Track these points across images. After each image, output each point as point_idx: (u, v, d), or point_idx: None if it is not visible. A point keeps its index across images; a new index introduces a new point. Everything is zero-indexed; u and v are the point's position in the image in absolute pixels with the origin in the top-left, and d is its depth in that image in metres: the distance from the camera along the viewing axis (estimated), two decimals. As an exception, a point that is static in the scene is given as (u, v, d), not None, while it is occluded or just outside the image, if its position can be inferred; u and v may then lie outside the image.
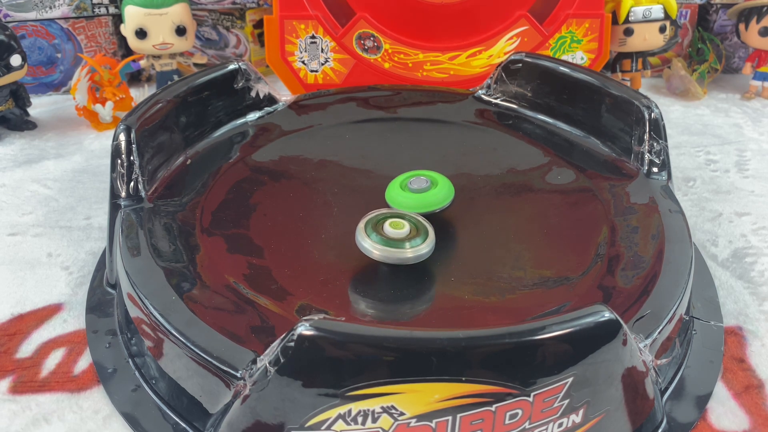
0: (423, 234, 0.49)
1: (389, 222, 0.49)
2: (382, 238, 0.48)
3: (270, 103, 0.67)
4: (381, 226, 0.49)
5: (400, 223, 0.49)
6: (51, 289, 0.59)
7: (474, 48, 0.83)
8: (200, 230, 0.53)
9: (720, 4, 0.95)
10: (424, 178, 0.53)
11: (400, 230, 0.49)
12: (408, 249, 0.48)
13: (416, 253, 0.48)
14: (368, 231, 0.49)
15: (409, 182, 0.53)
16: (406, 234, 0.49)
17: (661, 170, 0.59)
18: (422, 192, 0.53)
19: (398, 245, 0.48)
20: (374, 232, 0.49)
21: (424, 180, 0.53)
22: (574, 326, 0.39)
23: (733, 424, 0.48)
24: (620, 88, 0.62)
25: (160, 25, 0.84)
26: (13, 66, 0.79)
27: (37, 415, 0.48)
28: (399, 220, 0.49)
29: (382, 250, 0.48)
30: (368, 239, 0.48)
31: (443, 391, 0.38)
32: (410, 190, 0.53)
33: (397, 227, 0.49)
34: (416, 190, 0.53)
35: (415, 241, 0.48)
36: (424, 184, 0.53)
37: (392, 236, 0.48)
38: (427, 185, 0.53)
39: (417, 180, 0.53)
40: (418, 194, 0.52)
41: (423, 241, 0.49)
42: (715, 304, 0.57)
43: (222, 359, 0.42)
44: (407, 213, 0.51)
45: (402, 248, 0.48)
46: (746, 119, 0.87)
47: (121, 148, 0.55)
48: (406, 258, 0.48)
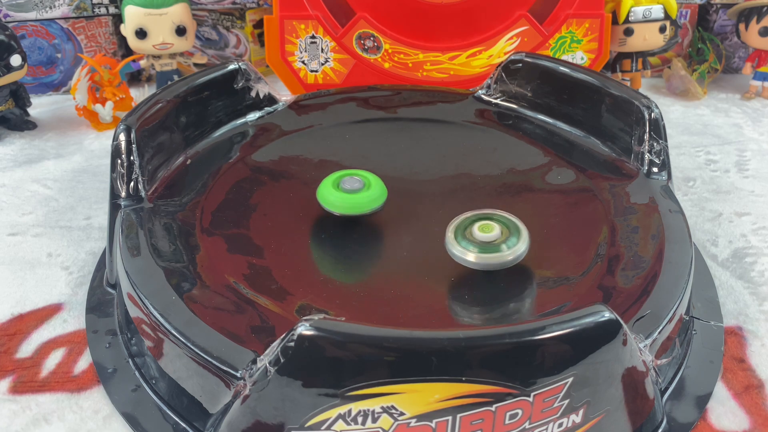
0: (515, 232, 0.47)
1: (478, 225, 0.48)
2: (472, 242, 0.47)
3: (270, 103, 0.67)
4: (470, 230, 0.48)
5: (490, 226, 0.48)
6: (51, 289, 0.59)
7: (474, 48, 0.83)
8: (200, 230, 0.53)
9: (720, 4, 0.95)
10: (358, 179, 0.53)
11: (491, 233, 0.47)
12: (506, 252, 0.46)
13: (515, 254, 0.46)
14: (458, 238, 0.47)
15: (341, 182, 0.53)
16: (498, 236, 0.47)
17: (661, 170, 0.59)
18: (354, 193, 0.52)
19: (493, 249, 0.46)
20: (464, 239, 0.47)
21: (357, 180, 0.53)
22: (574, 326, 0.39)
23: (733, 424, 0.48)
24: (620, 88, 0.62)
25: (160, 25, 0.84)
26: (13, 66, 0.79)
27: (37, 415, 0.48)
28: (488, 222, 0.48)
29: (478, 257, 0.46)
30: (459, 246, 0.47)
31: (443, 391, 0.38)
32: (342, 190, 0.52)
33: (487, 230, 0.47)
34: (348, 191, 0.52)
35: (511, 240, 0.47)
36: (356, 184, 0.52)
37: (484, 240, 0.47)
38: (360, 186, 0.52)
39: (350, 180, 0.53)
40: (349, 195, 0.52)
41: (518, 240, 0.47)
42: (715, 304, 0.57)
43: (222, 359, 0.42)
44: (494, 212, 0.49)
45: (499, 251, 0.46)
46: (746, 119, 0.87)
47: (121, 148, 0.55)
48: (505, 262, 0.46)
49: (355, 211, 0.52)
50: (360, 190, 0.52)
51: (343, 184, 0.52)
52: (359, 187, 0.52)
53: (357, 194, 0.52)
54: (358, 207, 0.52)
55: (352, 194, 0.52)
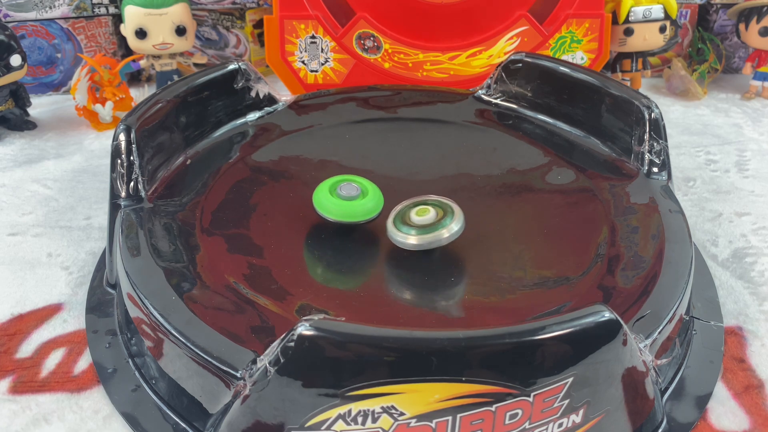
0: (450, 214, 0.50)
1: (414, 210, 0.50)
2: (412, 227, 0.49)
3: (270, 103, 0.67)
4: (408, 216, 0.50)
5: (425, 209, 0.50)
6: (51, 289, 0.59)
7: (474, 48, 0.83)
8: (200, 230, 0.53)
9: (720, 4, 0.95)
10: (355, 185, 0.52)
11: (427, 216, 0.50)
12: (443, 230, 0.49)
13: (450, 233, 0.49)
14: (397, 224, 0.50)
15: (338, 188, 0.52)
16: (435, 218, 0.49)
17: (661, 170, 0.59)
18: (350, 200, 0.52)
19: (431, 230, 0.49)
20: (404, 224, 0.50)
21: (354, 187, 0.52)
22: (574, 326, 0.39)
23: (733, 424, 0.48)
24: (620, 88, 0.62)
25: (160, 25, 0.84)
26: (13, 66, 0.79)
27: (37, 415, 0.48)
28: (423, 206, 0.50)
29: (417, 238, 0.49)
30: (400, 232, 0.49)
31: (443, 391, 0.38)
32: (338, 197, 0.52)
33: (424, 213, 0.50)
34: (345, 197, 0.52)
35: (445, 221, 0.49)
36: (353, 192, 0.52)
37: (421, 223, 0.49)
38: (357, 193, 0.52)
39: (347, 186, 0.52)
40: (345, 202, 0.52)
41: (452, 220, 0.49)
42: (715, 304, 0.57)
43: (222, 359, 0.42)
44: (429, 197, 0.51)
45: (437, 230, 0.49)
46: (746, 119, 0.87)
47: (121, 148, 0.55)
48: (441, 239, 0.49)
49: (350, 219, 0.52)
50: (356, 198, 0.52)
51: (340, 190, 0.52)
52: (356, 194, 0.52)
53: (353, 202, 0.52)
54: (352, 215, 0.52)
55: (348, 201, 0.52)
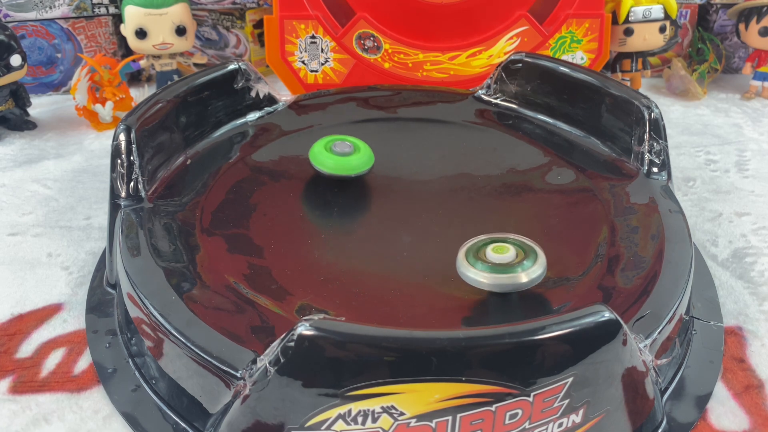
0: (531, 256, 0.45)
1: (491, 247, 0.45)
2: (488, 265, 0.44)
3: (270, 103, 0.67)
4: (483, 252, 0.45)
5: (504, 248, 0.45)
6: (51, 289, 0.59)
7: (474, 48, 0.83)
8: (200, 230, 0.53)
9: (720, 4, 0.95)
10: (348, 143, 0.57)
11: (505, 254, 0.45)
12: (521, 273, 0.44)
13: (530, 277, 0.44)
14: (470, 260, 0.45)
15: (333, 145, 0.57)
16: (513, 258, 0.45)
17: (661, 170, 0.59)
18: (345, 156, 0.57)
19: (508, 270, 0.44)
20: (478, 260, 0.45)
21: (347, 145, 0.57)
22: (574, 326, 0.39)
23: (733, 424, 0.48)
24: (620, 88, 0.62)
25: (160, 25, 0.84)
26: (13, 66, 0.79)
27: (37, 415, 0.48)
28: (502, 244, 0.45)
29: (491, 278, 0.44)
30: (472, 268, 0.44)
31: (443, 391, 0.38)
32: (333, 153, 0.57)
33: (502, 251, 0.45)
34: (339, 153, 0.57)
35: (526, 263, 0.44)
36: (347, 148, 0.57)
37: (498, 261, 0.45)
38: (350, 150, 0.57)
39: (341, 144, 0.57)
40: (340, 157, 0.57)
41: (534, 263, 0.44)
42: (715, 304, 0.57)
43: (222, 359, 0.42)
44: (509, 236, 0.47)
45: (514, 272, 0.44)
46: (746, 119, 0.87)
47: (121, 148, 0.55)
48: (520, 284, 0.44)
49: (347, 173, 0.57)
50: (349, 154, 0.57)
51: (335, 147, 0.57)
52: (349, 151, 0.57)
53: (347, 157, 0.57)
54: (347, 169, 0.57)
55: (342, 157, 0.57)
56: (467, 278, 0.45)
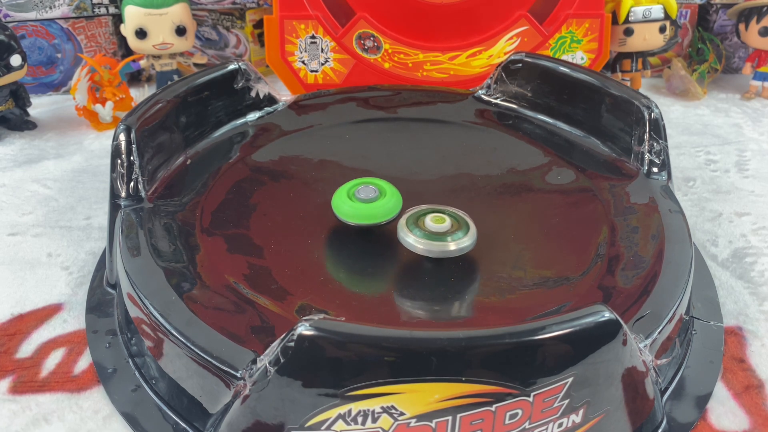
0: (464, 227, 0.50)
1: (430, 217, 0.50)
2: (424, 232, 0.49)
3: (270, 103, 0.67)
4: (422, 221, 0.50)
5: (441, 218, 0.50)
6: (51, 289, 0.59)
7: (474, 48, 0.83)
8: (200, 230, 0.53)
9: (720, 4, 0.95)
10: (372, 188, 0.52)
11: (442, 225, 0.49)
12: (450, 242, 0.49)
13: (459, 246, 0.48)
14: (410, 227, 0.49)
15: (356, 191, 0.52)
16: (448, 228, 0.49)
17: (661, 170, 0.59)
18: (369, 202, 0.51)
19: (441, 239, 0.49)
20: (417, 228, 0.49)
21: (372, 189, 0.52)
22: (574, 326, 0.39)
23: (733, 424, 0.48)
24: (620, 88, 0.62)
25: (160, 25, 0.84)
26: (13, 66, 0.79)
27: (37, 415, 0.48)
28: (439, 215, 0.50)
29: (425, 244, 0.48)
30: (411, 234, 0.49)
31: (443, 391, 0.38)
32: (357, 200, 0.52)
33: (439, 222, 0.49)
34: (363, 200, 0.52)
35: (457, 234, 0.49)
36: (372, 194, 0.52)
37: (434, 230, 0.49)
38: (375, 195, 0.52)
39: (365, 189, 0.52)
40: (364, 204, 0.51)
41: (465, 234, 0.49)
42: (715, 304, 0.57)
43: (222, 359, 0.42)
44: (446, 207, 0.51)
45: (445, 241, 0.49)
46: (746, 119, 0.87)
47: (121, 148, 0.55)
48: (449, 251, 0.48)
49: (373, 221, 0.51)
50: (376, 200, 0.52)
51: (358, 193, 0.52)
52: (375, 196, 0.52)
53: (373, 204, 0.51)
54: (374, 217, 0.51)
55: (367, 204, 0.51)
56: (405, 242, 0.49)
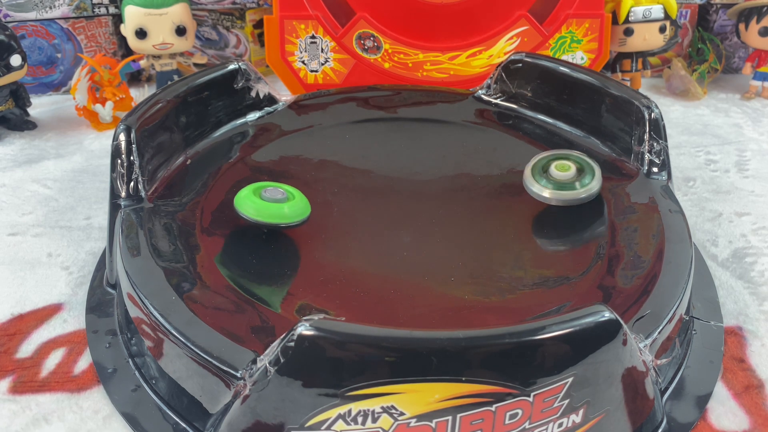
0: (590, 172, 0.51)
1: (555, 164, 0.52)
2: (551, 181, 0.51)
3: (270, 103, 0.67)
4: (547, 168, 0.52)
5: (566, 165, 0.52)
6: (51, 289, 0.59)
7: (474, 48, 0.83)
8: (200, 230, 0.53)
9: (720, 4, 0.95)
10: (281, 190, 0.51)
11: (568, 172, 0.51)
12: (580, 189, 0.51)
13: (588, 192, 0.51)
14: (536, 176, 0.51)
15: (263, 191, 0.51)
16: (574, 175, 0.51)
17: (661, 170, 0.59)
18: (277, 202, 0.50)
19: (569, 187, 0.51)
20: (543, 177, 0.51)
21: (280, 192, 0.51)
22: (574, 326, 0.39)
23: (733, 424, 0.48)
24: (620, 88, 0.62)
25: (160, 25, 0.84)
26: (13, 66, 0.79)
27: (37, 415, 0.48)
28: (564, 161, 0.52)
29: (553, 193, 0.51)
30: (537, 184, 0.51)
31: (443, 391, 0.38)
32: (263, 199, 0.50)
33: (564, 169, 0.51)
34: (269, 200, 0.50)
35: (584, 179, 0.51)
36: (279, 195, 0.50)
37: (561, 178, 0.51)
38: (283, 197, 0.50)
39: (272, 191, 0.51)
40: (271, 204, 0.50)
41: (592, 179, 0.51)
42: (715, 304, 0.57)
43: (222, 359, 0.42)
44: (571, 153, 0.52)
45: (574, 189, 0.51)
46: (746, 119, 0.87)
47: (121, 148, 0.55)
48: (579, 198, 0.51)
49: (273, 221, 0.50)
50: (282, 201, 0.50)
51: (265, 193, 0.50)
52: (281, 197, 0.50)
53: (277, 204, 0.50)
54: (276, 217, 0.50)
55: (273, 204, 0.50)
56: (531, 192, 0.51)
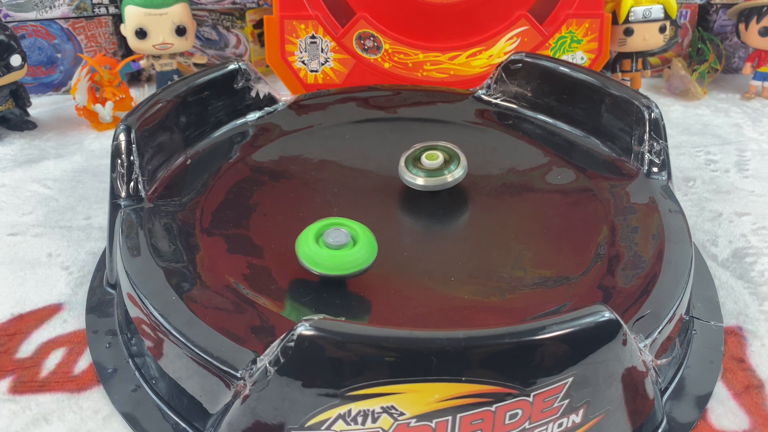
0: (456, 160, 0.56)
1: (425, 155, 0.56)
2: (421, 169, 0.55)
3: (270, 103, 0.67)
4: (419, 160, 0.56)
5: (435, 155, 0.56)
6: (51, 289, 0.59)
7: (474, 48, 0.83)
8: (200, 230, 0.53)
9: (720, 4, 0.95)
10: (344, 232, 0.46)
11: (436, 161, 0.56)
12: (447, 175, 0.55)
13: (454, 177, 0.55)
14: (408, 166, 0.56)
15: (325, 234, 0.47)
16: (441, 163, 0.56)
17: (661, 170, 0.59)
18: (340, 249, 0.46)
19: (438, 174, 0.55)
20: (414, 167, 0.56)
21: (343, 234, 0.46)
22: (574, 326, 0.39)
23: (733, 424, 0.48)
24: (620, 88, 0.62)
25: (160, 25, 0.84)
26: (13, 66, 0.79)
27: (37, 415, 0.48)
28: (433, 152, 0.56)
29: (424, 180, 0.55)
30: (409, 172, 0.55)
31: (443, 391, 0.38)
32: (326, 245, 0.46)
33: (433, 158, 0.56)
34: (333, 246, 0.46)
35: (451, 167, 0.56)
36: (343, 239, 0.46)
37: (430, 167, 0.55)
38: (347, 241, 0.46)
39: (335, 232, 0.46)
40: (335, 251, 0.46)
41: (457, 166, 0.55)
42: (715, 304, 0.57)
43: (222, 359, 0.42)
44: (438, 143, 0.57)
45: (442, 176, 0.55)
46: (746, 119, 0.87)
47: (121, 148, 0.55)
48: (446, 183, 0.55)
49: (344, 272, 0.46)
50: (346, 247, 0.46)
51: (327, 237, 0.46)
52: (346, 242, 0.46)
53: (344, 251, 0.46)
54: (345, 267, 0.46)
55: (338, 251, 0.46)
56: (405, 181, 0.56)
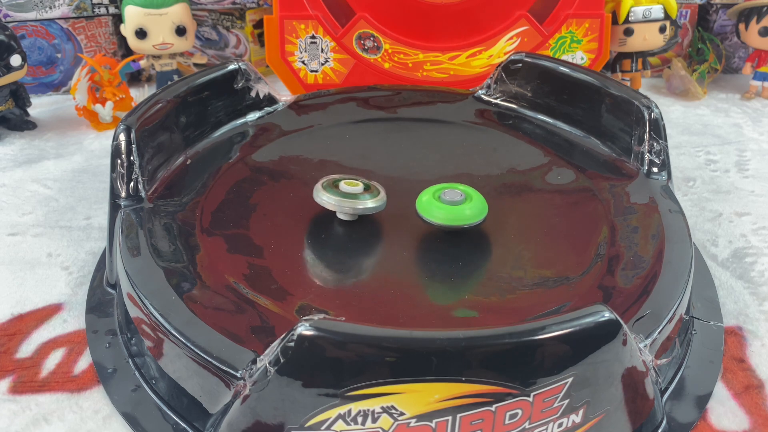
0: (375, 192, 0.54)
1: (344, 181, 0.54)
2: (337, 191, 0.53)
3: (270, 103, 0.67)
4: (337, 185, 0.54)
5: (355, 183, 0.54)
6: (51, 289, 0.59)
7: (474, 48, 0.83)
8: (200, 230, 0.53)
9: (720, 4, 0.95)
10: (459, 191, 0.53)
11: (355, 187, 0.53)
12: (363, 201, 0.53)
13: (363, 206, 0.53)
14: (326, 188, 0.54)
15: (442, 194, 0.53)
16: (360, 191, 0.53)
17: (661, 170, 0.59)
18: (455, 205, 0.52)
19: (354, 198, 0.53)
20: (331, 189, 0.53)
21: (458, 193, 0.53)
22: (574, 326, 0.39)
23: (733, 424, 0.48)
24: (620, 88, 0.62)
25: (160, 25, 0.84)
26: (13, 66, 0.79)
27: (37, 415, 0.48)
28: (353, 180, 0.54)
29: (339, 202, 0.52)
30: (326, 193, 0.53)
31: (443, 391, 0.38)
32: (442, 201, 0.52)
33: (352, 185, 0.54)
34: (449, 202, 0.52)
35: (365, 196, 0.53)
36: (457, 197, 0.52)
37: (348, 191, 0.53)
38: (461, 198, 0.52)
39: (450, 192, 0.53)
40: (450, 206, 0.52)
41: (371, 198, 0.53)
42: (715, 304, 0.57)
43: (222, 359, 0.42)
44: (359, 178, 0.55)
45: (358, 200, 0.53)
46: (746, 119, 0.87)
47: (121, 148, 0.55)
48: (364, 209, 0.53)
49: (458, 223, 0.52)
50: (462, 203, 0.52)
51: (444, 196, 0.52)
52: (460, 199, 0.52)
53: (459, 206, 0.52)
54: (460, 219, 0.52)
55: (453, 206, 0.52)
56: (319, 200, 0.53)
